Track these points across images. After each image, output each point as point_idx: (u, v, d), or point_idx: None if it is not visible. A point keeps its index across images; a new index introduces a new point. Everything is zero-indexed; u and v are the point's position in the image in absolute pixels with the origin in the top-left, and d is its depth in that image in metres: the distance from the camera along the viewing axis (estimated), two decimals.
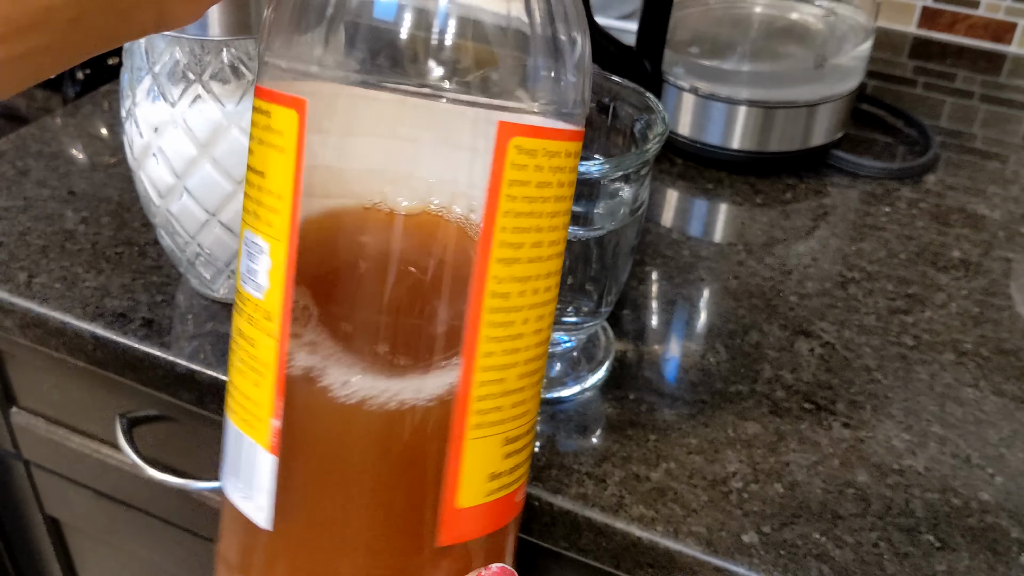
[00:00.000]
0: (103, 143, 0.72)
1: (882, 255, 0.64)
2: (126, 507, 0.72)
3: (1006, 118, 0.83)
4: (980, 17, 0.96)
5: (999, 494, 0.47)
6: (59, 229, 0.62)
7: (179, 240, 0.53)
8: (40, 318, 0.56)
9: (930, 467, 0.49)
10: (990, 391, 0.54)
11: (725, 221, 0.68)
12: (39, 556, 0.85)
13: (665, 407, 0.51)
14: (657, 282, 0.61)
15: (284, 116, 0.25)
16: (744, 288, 0.60)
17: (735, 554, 0.44)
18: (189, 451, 0.65)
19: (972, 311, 0.60)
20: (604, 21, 0.74)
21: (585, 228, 0.46)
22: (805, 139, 0.72)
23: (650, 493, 0.46)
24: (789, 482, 0.47)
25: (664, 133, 0.46)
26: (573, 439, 0.49)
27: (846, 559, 0.44)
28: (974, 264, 0.64)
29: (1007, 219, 0.69)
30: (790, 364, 0.55)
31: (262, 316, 0.26)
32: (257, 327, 0.26)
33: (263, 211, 0.26)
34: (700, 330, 0.57)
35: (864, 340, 0.57)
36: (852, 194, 0.71)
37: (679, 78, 0.72)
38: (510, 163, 0.24)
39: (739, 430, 0.50)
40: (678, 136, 0.73)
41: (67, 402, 0.69)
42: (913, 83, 0.89)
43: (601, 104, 0.51)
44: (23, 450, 0.74)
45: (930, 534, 0.45)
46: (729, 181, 0.72)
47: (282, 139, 0.25)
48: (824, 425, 0.51)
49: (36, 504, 0.79)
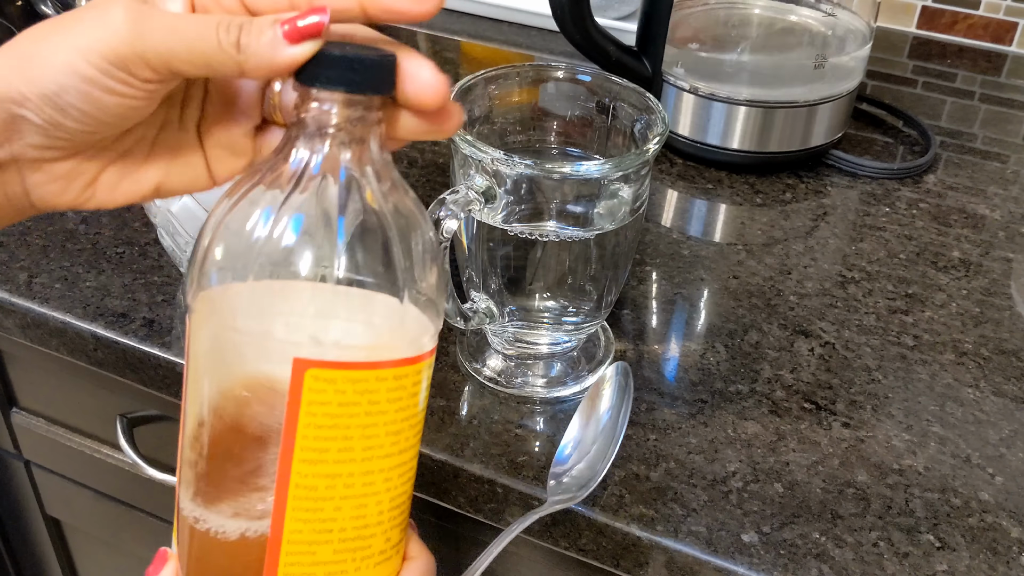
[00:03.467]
0: None
1: (882, 255, 0.64)
2: (126, 507, 0.73)
3: (1006, 118, 0.83)
4: (980, 17, 0.96)
5: (999, 494, 0.47)
6: (59, 229, 0.62)
7: (179, 240, 0.53)
8: (40, 318, 0.56)
9: (930, 467, 0.49)
10: (990, 391, 0.54)
11: (725, 221, 0.68)
12: (39, 556, 0.85)
13: (665, 407, 0.51)
14: (657, 282, 0.61)
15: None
16: (744, 288, 0.60)
17: (735, 554, 0.44)
18: None
19: (972, 311, 0.60)
20: (604, 21, 0.74)
21: (585, 228, 0.47)
22: (805, 139, 0.72)
23: (650, 493, 0.46)
24: (789, 482, 0.47)
25: (664, 133, 0.46)
26: None
27: (846, 559, 0.44)
28: (974, 264, 0.64)
29: (1007, 219, 0.69)
30: (790, 364, 0.55)
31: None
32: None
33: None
34: (700, 330, 0.57)
35: (864, 340, 0.57)
36: (852, 194, 0.71)
37: (679, 78, 0.72)
38: (307, 388, 0.30)
39: (739, 430, 0.50)
40: (678, 136, 0.73)
41: (67, 402, 0.69)
42: (913, 83, 0.89)
43: (601, 104, 0.51)
44: (23, 450, 0.74)
45: (930, 534, 0.45)
46: (729, 181, 0.72)
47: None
48: (824, 425, 0.51)
49: (36, 504, 0.79)
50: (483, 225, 0.46)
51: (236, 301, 0.31)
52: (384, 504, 0.33)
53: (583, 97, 0.51)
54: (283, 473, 0.30)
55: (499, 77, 0.51)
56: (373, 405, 0.31)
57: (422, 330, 0.33)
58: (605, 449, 0.46)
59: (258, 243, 0.30)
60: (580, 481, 0.45)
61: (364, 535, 0.32)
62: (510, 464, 0.47)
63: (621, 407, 0.48)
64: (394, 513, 0.33)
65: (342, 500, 0.31)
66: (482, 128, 0.51)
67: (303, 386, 0.30)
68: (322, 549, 0.31)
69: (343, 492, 0.31)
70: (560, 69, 0.52)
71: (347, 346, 0.31)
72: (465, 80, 0.49)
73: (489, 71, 0.50)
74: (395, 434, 0.32)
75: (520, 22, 0.94)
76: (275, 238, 0.30)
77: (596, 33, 0.70)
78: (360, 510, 0.32)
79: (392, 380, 0.31)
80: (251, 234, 0.30)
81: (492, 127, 0.51)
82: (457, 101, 0.48)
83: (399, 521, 0.34)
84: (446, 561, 0.58)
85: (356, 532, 0.32)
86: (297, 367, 0.30)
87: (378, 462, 0.32)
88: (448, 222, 0.43)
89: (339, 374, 0.30)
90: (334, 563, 0.32)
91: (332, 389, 0.30)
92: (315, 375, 0.30)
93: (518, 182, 0.45)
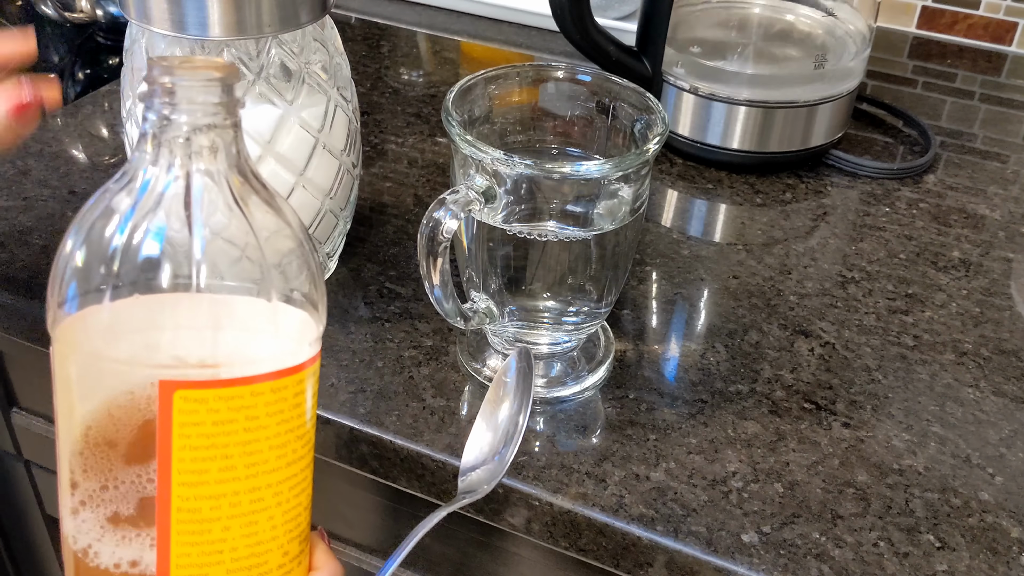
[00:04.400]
0: (103, 143, 0.72)
1: (882, 255, 0.64)
2: None
3: (1006, 118, 0.83)
4: (980, 17, 0.96)
5: (999, 494, 0.47)
6: (60, 229, 0.62)
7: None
8: (41, 318, 0.56)
9: (930, 467, 0.49)
10: (990, 391, 0.54)
11: (725, 221, 0.68)
12: (39, 556, 0.85)
13: (665, 407, 0.51)
14: (657, 282, 0.61)
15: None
16: (744, 288, 0.60)
17: (735, 554, 0.44)
18: None
19: (972, 311, 0.60)
20: (604, 21, 0.74)
21: (585, 228, 0.47)
22: (805, 139, 0.72)
23: (650, 493, 0.46)
24: (789, 482, 0.47)
25: (664, 133, 0.46)
26: (573, 439, 0.49)
27: (846, 559, 0.44)
28: (974, 264, 0.64)
29: (1007, 219, 0.69)
30: (790, 364, 0.55)
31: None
32: None
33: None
34: (700, 330, 0.57)
35: (864, 340, 0.57)
36: (852, 194, 0.71)
37: (679, 78, 0.72)
38: (177, 410, 0.29)
39: (739, 430, 0.50)
40: (678, 136, 0.73)
41: None
42: (913, 83, 0.89)
43: (601, 104, 0.51)
44: (23, 450, 0.74)
45: (930, 534, 0.45)
46: (729, 181, 0.72)
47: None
48: (824, 425, 0.51)
49: (36, 504, 0.79)
50: (483, 225, 0.46)
51: (96, 326, 0.30)
52: (277, 519, 0.32)
53: (583, 97, 0.51)
54: (163, 499, 0.29)
55: (499, 77, 0.51)
56: (252, 421, 0.30)
57: (299, 335, 0.32)
58: (509, 436, 0.45)
59: (113, 259, 0.29)
60: (493, 473, 0.44)
61: (258, 552, 0.31)
62: (510, 464, 0.47)
63: (522, 396, 0.46)
64: (290, 527, 0.32)
65: (230, 520, 0.30)
66: (482, 128, 0.51)
67: (172, 408, 0.29)
68: (214, 571, 0.31)
69: (230, 512, 0.30)
70: (560, 69, 0.52)
71: (215, 363, 0.30)
72: (465, 80, 0.49)
73: (489, 71, 0.50)
74: (280, 447, 0.31)
75: (520, 22, 0.94)
76: (129, 252, 0.29)
77: (596, 33, 0.70)
78: (251, 527, 0.31)
79: (270, 393, 0.30)
80: (105, 250, 0.29)
81: (492, 127, 0.51)
82: (457, 101, 0.48)
83: (296, 533, 0.33)
84: (449, 563, 0.59)
85: (249, 550, 0.31)
86: (164, 389, 0.29)
87: (264, 478, 0.31)
88: (448, 222, 0.43)
89: (210, 393, 0.29)
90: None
91: (204, 409, 0.29)
92: (184, 396, 0.29)
93: (518, 182, 0.45)
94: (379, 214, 0.65)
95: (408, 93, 0.81)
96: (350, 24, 0.93)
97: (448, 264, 0.45)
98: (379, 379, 0.52)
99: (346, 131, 0.53)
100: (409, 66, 0.87)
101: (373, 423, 0.50)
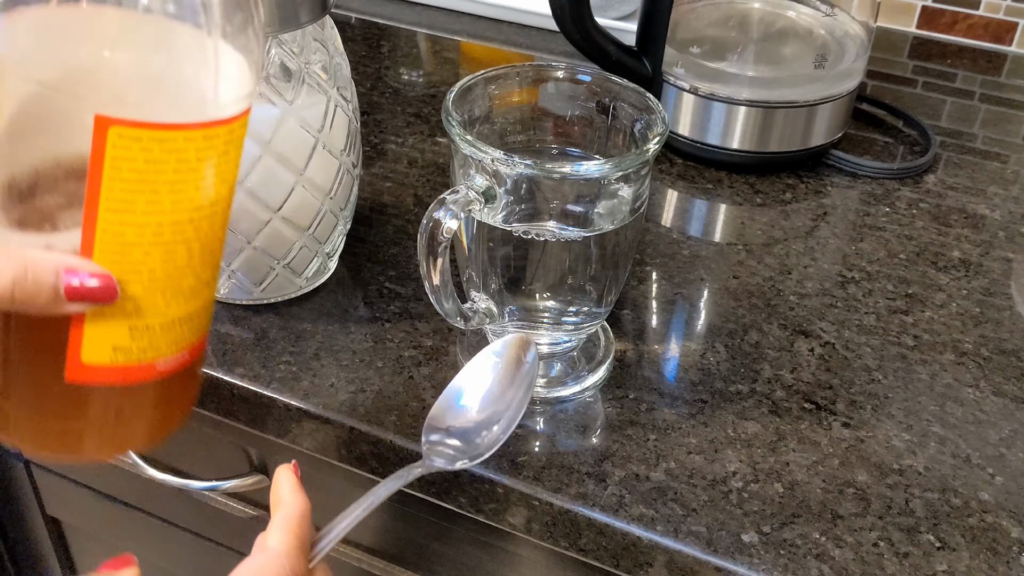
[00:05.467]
0: None
1: (882, 255, 0.64)
2: (126, 507, 0.73)
3: (1006, 118, 0.83)
4: (980, 17, 0.96)
5: (999, 494, 0.47)
6: None
7: None
8: None
9: (930, 467, 0.49)
10: (990, 391, 0.54)
11: (725, 221, 0.68)
12: (39, 556, 0.85)
13: (665, 407, 0.51)
14: (657, 282, 0.61)
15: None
16: (744, 288, 0.60)
17: (735, 554, 0.44)
18: (189, 451, 0.65)
19: (972, 311, 0.60)
20: (604, 21, 0.74)
21: (585, 228, 0.47)
22: (805, 139, 0.72)
23: (650, 493, 0.46)
24: (789, 482, 0.47)
25: (664, 133, 0.46)
26: (573, 439, 0.49)
27: (846, 559, 0.44)
28: (974, 264, 0.64)
29: (1007, 219, 0.69)
30: (790, 364, 0.55)
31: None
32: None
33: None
34: (700, 330, 0.57)
35: (864, 340, 0.57)
36: (852, 194, 0.71)
37: (679, 78, 0.72)
38: (111, 144, 0.30)
39: (739, 430, 0.50)
40: (678, 136, 0.73)
41: None
42: (913, 83, 0.89)
43: (601, 104, 0.51)
44: None
45: (930, 534, 0.45)
46: (729, 181, 0.72)
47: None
48: (824, 425, 0.51)
49: (36, 504, 0.79)
50: (483, 225, 0.46)
51: (31, 35, 0.30)
52: (195, 249, 0.34)
53: (583, 97, 0.51)
54: (89, 220, 0.31)
55: (499, 77, 0.51)
56: (182, 164, 0.32)
57: (236, 83, 0.32)
58: (510, 414, 0.45)
59: None
60: (474, 449, 0.44)
61: (174, 275, 0.34)
62: (510, 464, 0.48)
63: (526, 384, 0.47)
64: (205, 255, 0.35)
65: (151, 247, 0.32)
66: (482, 128, 0.51)
67: (107, 143, 0.30)
68: (132, 288, 0.33)
69: (152, 240, 0.32)
70: (560, 69, 0.52)
71: (154, 105, 0.31)
72: (465, 80, 0.49)
73: (489, 71, 0.50)
74: (205, 189, 0.33)
75: (520, 22, 0.94)
76: None
77: (596, 33, 0.70)
78: (170, 255, 0.33)
79: (202, 140, 0.32)
80: None
81: (492, 127, 0.51)
82: (457, 101, 0.48)
83: (211, 262, 0.35)
84: (449, 563, 0.59)
85: (165, 273, 0.33)
86: (100, 124, 0.30)
87: (188, 213, 0.33)
88: (448, 222, 0.43)
89: (145, 133, 0.30)
90: (143, 298, 0.33)
91: (138, 147, 0.30)
92: (119, 132, 0.30)
93: (518, 182, 0.45)
94: (379, 214, 0.65)
95: (408, 93, 0.81)
96: (350, 24, 0.93)
97: (448, 264, 0.45)
98: (379, 379, 0.52)
99: (346, 131, 0.53)
100: (409, 66, 0.87)
101: (373, 423, 0.50)
